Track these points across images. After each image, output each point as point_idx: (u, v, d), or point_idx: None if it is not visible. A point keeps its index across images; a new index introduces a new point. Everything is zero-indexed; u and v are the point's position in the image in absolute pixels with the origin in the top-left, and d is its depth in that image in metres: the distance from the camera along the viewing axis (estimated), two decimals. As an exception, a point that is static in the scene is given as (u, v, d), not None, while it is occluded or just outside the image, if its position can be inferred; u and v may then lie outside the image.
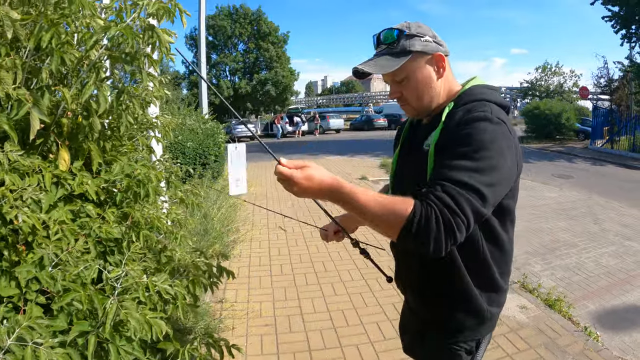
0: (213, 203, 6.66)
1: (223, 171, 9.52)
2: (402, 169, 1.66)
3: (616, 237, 6.84)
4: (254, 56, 40.29)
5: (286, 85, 40.32)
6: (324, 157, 17.84)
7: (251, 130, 1.82)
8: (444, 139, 1.39)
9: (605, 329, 4.04)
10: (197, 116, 9.91)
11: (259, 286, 4.69)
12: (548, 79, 37.14)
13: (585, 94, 26.21)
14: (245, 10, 39.78)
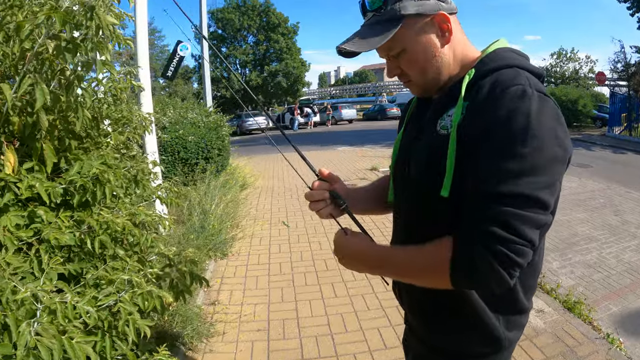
0: (212, 199, 6.41)
1: (227, 165, 9.29)
2: (408, 156, 1.28)
3: (638, 229, 6.46)
4: (263, 48, 40.09)
5: (297, 76, 40.11)
6: (335, 147, 17.46)
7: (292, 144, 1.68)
8: (471, 122, 1.06)
9: (628, 334, 3.71)
10: (200, 109, 9.67)
11: (255, 287, 4.43)
12: (563, 65, 36.39)
13: (602, 80, 25.49)
14: (253, 2, 39.56)
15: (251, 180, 9.69)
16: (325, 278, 4.55)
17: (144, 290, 1.81)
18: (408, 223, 1.31)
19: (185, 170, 8.04)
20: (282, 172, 11.31)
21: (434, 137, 1.16)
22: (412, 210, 1.27)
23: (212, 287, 4.39)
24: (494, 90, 1.04)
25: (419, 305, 1.34)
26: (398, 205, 1.38)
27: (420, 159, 1.21)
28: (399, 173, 1.34)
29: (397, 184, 1.37)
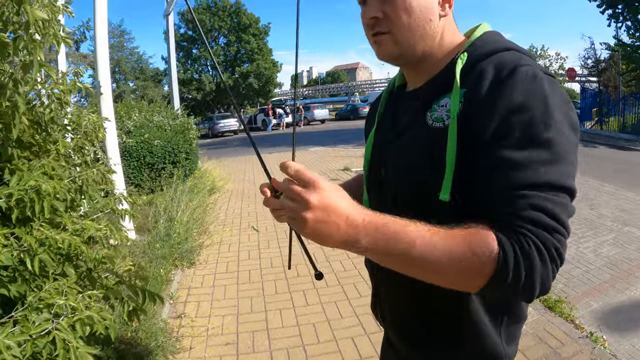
0: (178, 205, 6.19)
1: (196, 169, 9.06)
2: (384, 158, 1.13)
3: (614, 223, 6.48)
4: (235, 49, 39.91)
5: (269, 77, 39.96)
6: (307, 148, 17.25)
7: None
8: (478, 110, 0.88)
9: (611, 331, 3.65)
10: (167, 112, 9.42)
11: (224, 297, 4.24)
12: (534, 63, 37.14)
13: (573, 76, 26.09)
14: (224, 2, 39.31)
15: (221, 183, 9.49)
16: (296, 285, 4.38)
17: (83, 315, 1.63)
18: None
19: (151, 175, 7.82)
20: (253, 175, 11.15)
21: (425, 132, 0.99)
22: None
23: (179, 299, 4.19)
24: (500, 73, 0.88)
25: (408, 321, 1.16)
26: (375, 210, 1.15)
27: (406, 158, 1.04)
28: (373, 176, 1.19)
29: (372, 189, 1.21)
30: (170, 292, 4.24)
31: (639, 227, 6.34)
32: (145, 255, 4.65)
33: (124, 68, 35.65)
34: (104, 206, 2.50)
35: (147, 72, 37.94)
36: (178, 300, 4.17)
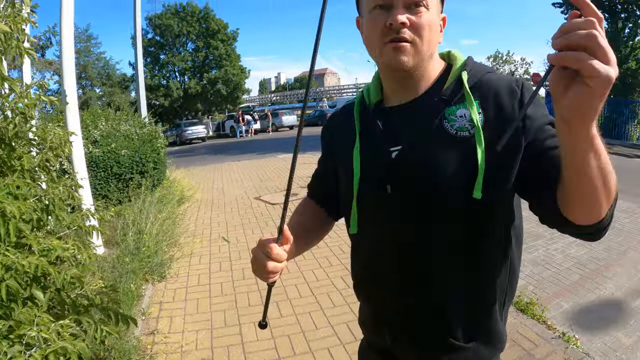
0: (147, 217, 6.06)
1: (164, 178, 8.91)
2: (392, 172, 1.14)
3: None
4: (203, 55, 39.35)
5: (237, 83, 39.58)
6: (275, 155, 17.16)
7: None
8: (505, 111, 1.04)
9: (583, 330, 3.75)
10: (134, 120, 9.25)
11: (197, 311, 4.16)
12: (499, 68, 37.83)
13: (537, 80, 26.73)
14: (193, 7, 38.82)
15: (190, 193, 9.35)
16: (269, 297, 4.33)
17: (57, 346, 1.56)
18: (406, 244, 1.13)
19: (119, 186, 7.66)
20: (222, 183, 11.03)
21: (452, 141, 1.07)
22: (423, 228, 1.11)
23: (151, 315, 4.09)
24: (511, 85, 1.07)
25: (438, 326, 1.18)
26: (380, 230, 1.18)
27: (435, 166, 1.08)
28: (370, 194, 1.18)
29: (368, 205, 1.19)
30: (142, 307, 4.13)
31: None
32: (115, 270, 4.53)
33: (91, 74, 34.96)
34: (71, 223, 2.43)
35: (114, 78, 37.27)
36: (150, 316, 4.07)
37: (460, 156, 1.05)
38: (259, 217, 7.42)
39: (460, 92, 1.10)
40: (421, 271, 1.14)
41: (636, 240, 5.92)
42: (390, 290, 1.20)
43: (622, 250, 5.51)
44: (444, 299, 1.14)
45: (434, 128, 1.10)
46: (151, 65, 38.65)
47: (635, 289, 4.50)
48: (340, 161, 1.29)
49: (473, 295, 1.15)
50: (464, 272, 1.12)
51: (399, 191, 1.12)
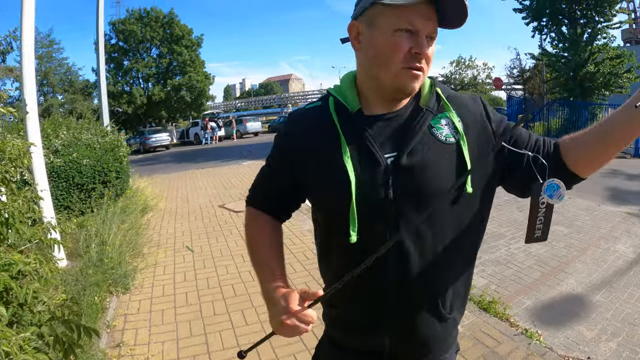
0: (110, 227, 5.99)
1: (127, 188, 8.79)
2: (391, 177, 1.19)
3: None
4: (167, 61, 38.69)
5: (201, 90, 39.15)
6: (240, 162, 17.07)
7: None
8: (478, 119, 1.28)
9: (546, 325, 3.88)
10: (96, 129, 9.10)
11: (162, 322, 4.13)
12: (462, 72, 38.54)
13: (499, 85, 27.56)
14: (157, 13, 38.24)
15: (153, 202, 9.25)
16: (234, 305, 4.36)
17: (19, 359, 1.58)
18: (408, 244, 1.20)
19: (81, 196, 7.52)
20: (186, 192, 10.95)
21: (443, 147, 1.22)
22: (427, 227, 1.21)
23: (116, 327, 4.05)
24: (473, 98, 1.34)
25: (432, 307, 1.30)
26: (382, 235, 1.20)
27: (433, 169, 1.20)
28: (373, 203, 1.20)
29: (373, 215, 1.21)
30: (106, 320, 4.09)
31: (565, 225, 6.77)
32: (79, 282, 4.48)
33: (52, 80, 34.07)
34: (32, 236, 2.42)
35: (76, 84, 36.32)
36: (115, 329, 4.03)
37: (451, 158, 1.21)
38: (223, 226, 7.41)
39: (440, 104, 1.27)
40: (422, 267, 1.22)
41: (596, 237, 6.16)
42: (391, 289, 1.25)
43: (582, 247, 5.74)
44: (440, 287, 1.28)
45: (426, 136, 1.22)
46: (114, 71, 37.93)
47: (596, 283, 4.67)
48: (319, 166, 1.28)
49: (460, 279, 1.32)
50: (456, 261, 1.29)
51: (401, 196, 1.19)
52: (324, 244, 1.38)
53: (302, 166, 1.32)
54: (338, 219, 1.23)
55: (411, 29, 1.14)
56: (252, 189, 1.53)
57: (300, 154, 1.32)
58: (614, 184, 10.20)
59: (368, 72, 1.25)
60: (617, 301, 4.29)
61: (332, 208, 1.27)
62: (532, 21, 21.41)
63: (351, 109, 1.28)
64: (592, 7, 19.33)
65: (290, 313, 1.14)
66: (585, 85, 19.42)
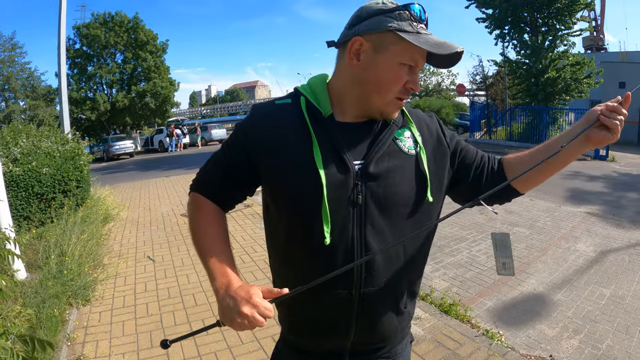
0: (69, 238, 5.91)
1: (88, 197, 8.65)
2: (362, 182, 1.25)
3: (503, 225, 7.12)
4: (131, 67, 37.88)
5: (166, 96, 38.47)
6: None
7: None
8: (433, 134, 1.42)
9: (507, 325, 3.99)
10: (56, 137, 8.92)
11: (122, 333, 4.10)
12: (427, 79, 39.04)
13: (462, 91, 28.10)
14: (122, 17, 37.43)
15: (115, 212, 9.12)
16: (194, 315, 4.38)
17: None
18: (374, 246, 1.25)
19: (41, 206, 7.37)
20: (149, 201, 10.82)
21: (407, 158, 1.33)
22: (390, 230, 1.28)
23: (76, 340, 4.00)
24: (428, 114, 1.49)
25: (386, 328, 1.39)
26: (350, 237, 1.25)
27: (399, 177, 1.29)
28: (343, 207, 1.24)
29: (343, 218, 1.24)
30: (66, 333, 4.05)
31: (526, 226, 7.00)
32: (38, 295, 4.41)
33: (14, 85, 33.13)
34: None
35: (38, 90, 35.32)
36: (76, 342, 3.98)
37: (412, 169, 1.32)
38: (185, 235, 7.34)
39: (403, 118, 1.40)
40: (385, 269, 1.29)
41: (557, 237, 6.41)
42: (359, 288, 1.28)
43: (543, 248, 5.96)
44: (401, 287, 1.37)
45: (391, 146, 1.31)
46: (78, 77, 37.00)
47: (557, 282, 4.84)
48: (289, 166, 1.28)
49: (416, 276, 1.44)
50: (415, 262, 1.38)
51: (368, 201, 1.25)
52: (288, 248, 1.35)
53: (267, 163, 1.31)
54: (308, 221, 1.25)
55: (412, 65, 1.25)
56: (200, 174, 1.49)
57: (266, 150, 1.31)
58: (575, 185, 10.62)
59: (358, 89, 1.29)
60: (578, 299, 4.46)
61: (303, 209, 1.27)
62: (495, 29, 21.98)
63: (324, 112, 1.31)
64: (553, 16, 19.93)
65: (252, 305, 1.13)
66: (547, 90, 20.00)
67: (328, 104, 1.32)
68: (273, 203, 1.35)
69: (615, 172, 13.20)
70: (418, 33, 1.21)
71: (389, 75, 1.24)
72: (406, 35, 1.19)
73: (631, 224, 7.26)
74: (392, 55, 1.23)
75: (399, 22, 1.21)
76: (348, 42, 1.27)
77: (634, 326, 3.96)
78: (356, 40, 1.25)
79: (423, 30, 1.23)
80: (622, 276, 5.06)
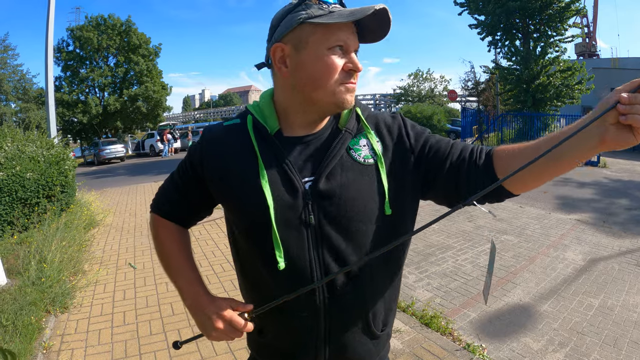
0: (51, 243, 5.84)
1: (72, 202, 8.56)
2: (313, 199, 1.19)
3: (491, 232, 7.06)
4: (123, 70, 37.89)
5: (158, 100, 38.42)
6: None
7: None
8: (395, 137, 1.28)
9: (491, 338, 3.92)
10: (41, 141, 8.82)
11: (98, 342, 4.05)
12: (420, 85, 39.07)
13: (454, 97, 28.29)
14: (114, 20, 37.42)
15: (100, 217, 9.04)
16: (171, 324, 4.32)
17: None
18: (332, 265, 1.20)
19: (25, 211, 7.29)
20: (135, 206, 10.72)
21: (362, 168, 1.22)
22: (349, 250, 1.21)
23: (52, 348, 3.95)
24: (391, 115, 1.35)
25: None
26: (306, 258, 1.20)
27: (354, 190, 1.20)
28: (294, 227, 1.20)
29: (295, 240, 1.20)
30: (43, 341, 3.99)
31: (515, 234, 6.93)
32: (16, 301, 4.36)
33: (6, 88, 32.95)
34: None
35: (30, 92, 35.14)
36: (51, 350, 3.93)
37: (370, 180, 1.21)
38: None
39: (359, 125, 1.28)
40: (349, 289, 1.23)
41: (545, 245, 6.32)
42: (321, 315, 1.24)
43: (531, 257, 5.86)
44: (370, 307, 1.28)
45: (344, 158, 1.22)
46: (70, 79, 36.90)
47: (543, 293, 4.76)
48: (236, 188, 1.25)
49: (388, 295, 1.33)
50: (383, 280, 1.29)
51: (323, 220, 1.19)
52: (248, 271, 1.34)
53: (218, 187, 1.30)
54: (260, 246, 1.22)
55: (342, 46, 1.16)
56: (159, 194, 1.49)
57: (217, 175, 1.29)
58: (565, 192, 10.61)
59: (298, 95, 1.22)
60: (565, 310, 4.39)
61: (253, 234, 1.24)
62: (487, 36, 22.13)
63: (270, 129, 1.26)
64: (545, 22, 20.17)
65: (223, 319, 1.22)
66: (537, 97, 20.13)
67: (275, 120, 1.28)
68: (231, 223, 1.34)
69: (606, 178, 13.22)
70: (331, 12, 1.14)
71: (320, 66, 1.16)
72: (319, 19, 1.13)
73: (622, 232, 7.23)
74: (315, 45, 1.16)
75: (308, 10, 1.15)
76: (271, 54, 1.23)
77: (622, 338, 3.89)
78: (276, 48, 1.20)
79: (337, 8, 1.16)
80: (611, 286, 5.01)
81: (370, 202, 1.21)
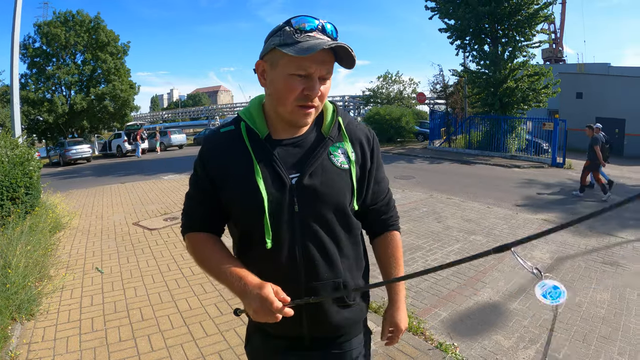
0: (15, 248, 5.66)
1: (37, 205, 8.33)
2: (297, 194, 1.46)
3: (460, 233, 7.18)
4: (90, 68, 37.09)
5: (125, 99, 37.77)
6: (161, 176, 16.35)
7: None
8: (365, 155, 1.59)
9: (462, 337, 3.98)
10: (5, 141, 8.55)
11: (66, 350, 3.94)
12: (389, 87, 39.32)
13: (422, 99, 28.61)
14: (83, 16, 36.63)
15: (66, 220, 8.82)
16: (140, 330, 4.24)
17: None
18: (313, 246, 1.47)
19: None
20: (102, 208, 10.49)
21: (338, 171, 1.51)
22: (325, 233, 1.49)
23: (19, 357, 3.83)
24: (367, 133, 1.64)
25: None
26: (292, 240, 1.46)
27: (332, 188, 1.48)
28: (283, 215, 1.45)
29: (285, 224, 1.45)
30: (9, 350, 3.87)
31: (483, 234, 7.07)
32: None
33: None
34: None
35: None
36: (18, 359, 3.82)
37: (343, 182, 1.51)
38: (135, 245, 7.18)
39: (340, 133, 1.57)
40: (326, 262, 1.49)
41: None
42: (304, 283, 1.48)
43: (499, 256, 5.90)
44: (343, 276, 1.53)
45: (325, 160, 1.50)
46: (36, 77, 35.96)
47: (513, 291, 4.86)
48: (237, 186, 1.47)
49: (357, 274, 1.61)
50: (351, 257, 1.58)
51: (305, 209, 1.46)
52: (242, 253, 1.56)
53: (222, 185, 1.50)
54: (254, 230, 1.47)
55: (304, 74, 1.36)
56: (185, 217, 1.63)
57: (220, 174, 1.50)
58: (531, 193, 10.91)
59: (272, 104, 1.47)
60: (535, 308, 4.49)
61: (249, 221, 1.48)
62: (456, 40, 22.50)
63: (260, 134, 1.50)
64: (513, 27, 20.63)
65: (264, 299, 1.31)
66: (505, 100, 20.56)
67: (264, 126, 1.51)
68: (231, 219, 1.58)
69: (570, 179, 13.58)
70: (297, 42, 1.32)
71: (282, 86, 1.38)
72: (284, 49, 1.32)
73: (588, 231, 7.45)
74: (282, 68, 1.37)
75: (282, 37, 1.35)
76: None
77: (591, 334, 4.01)
78: (259, 64, 1.46)
79: (308, 38, 1.34)
80: (579, 283, 5.16)
81: (342, 198, 1.50)
